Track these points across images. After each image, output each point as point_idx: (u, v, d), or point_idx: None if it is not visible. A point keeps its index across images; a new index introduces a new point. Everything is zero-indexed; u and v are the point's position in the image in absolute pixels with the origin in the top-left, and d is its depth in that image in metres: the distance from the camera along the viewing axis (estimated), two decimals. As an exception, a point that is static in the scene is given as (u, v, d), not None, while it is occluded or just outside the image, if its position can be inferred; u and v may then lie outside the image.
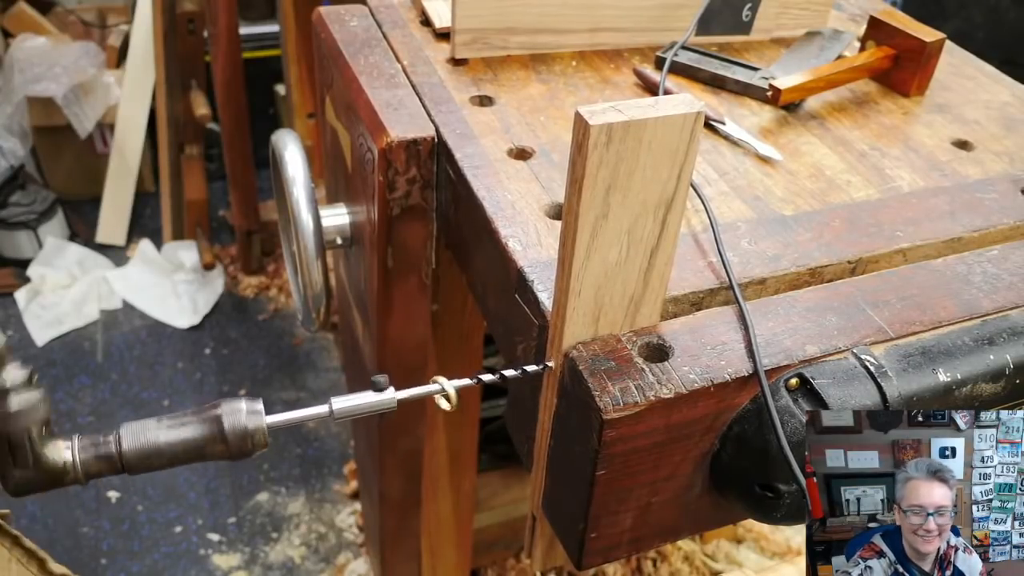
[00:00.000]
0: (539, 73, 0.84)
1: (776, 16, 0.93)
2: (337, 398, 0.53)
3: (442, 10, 0.89)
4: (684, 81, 0.85)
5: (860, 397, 0.50)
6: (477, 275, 0.72)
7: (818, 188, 0.71)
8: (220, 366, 2.15)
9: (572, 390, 0.53)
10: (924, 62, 0.83)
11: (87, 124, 2.37)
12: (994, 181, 0.73)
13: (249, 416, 0.50)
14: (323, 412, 0.52)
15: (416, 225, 0.81)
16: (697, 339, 0.54)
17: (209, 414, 0.50)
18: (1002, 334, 0.55)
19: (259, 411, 0.50)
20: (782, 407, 0.50)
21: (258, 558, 1.74)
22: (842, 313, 0.57)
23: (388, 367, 0.96)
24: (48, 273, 2.29)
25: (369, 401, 0.53)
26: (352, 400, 0.53)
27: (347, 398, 0.53)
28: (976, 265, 0.63)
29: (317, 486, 1.88)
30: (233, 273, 2.41)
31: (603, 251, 0.49)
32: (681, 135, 0.46)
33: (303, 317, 0.90)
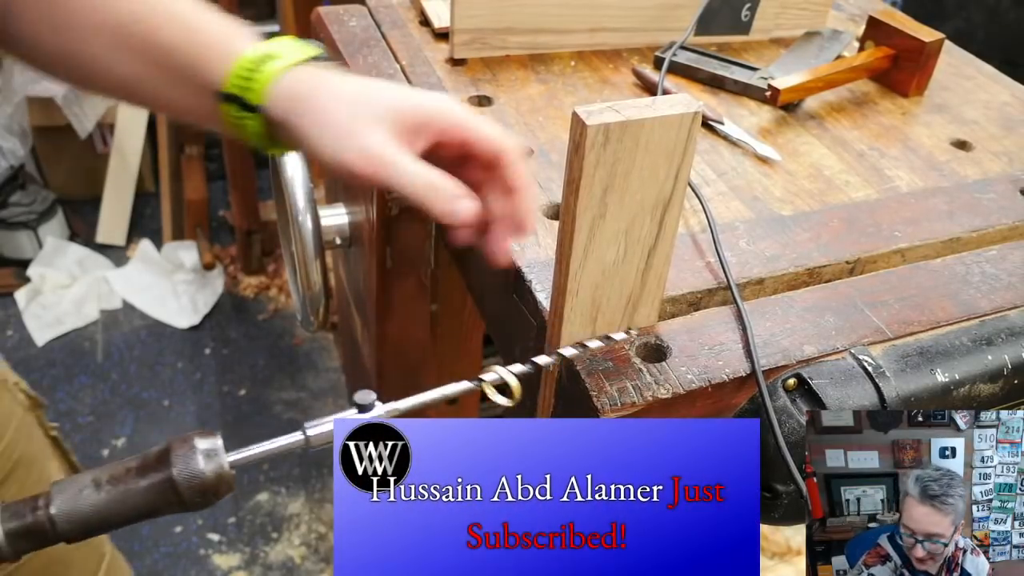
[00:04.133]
0: (538, 73, 0.84)
1: (775, 16, 0.93)
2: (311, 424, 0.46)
3: (441, 10, 0.89)
4: (683, 81, 0.85)
5: (858, 397, 0.50)
6: (476, 275, 0.72)
7: (817, 188, 0.71)
8: (220, 366, 2.15)
9: (570, 390, 0.53)
10: (923, 62, 0.83)
11: (87, 124, 2.37)
12: (993, 181, 0.73)
13: (205, 458, 0.43)
14: (296, 441, 0.45)
15: (415, 225, 0.81)
16: (695, 339, 0.54)
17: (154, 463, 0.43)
18: (1000, 334, 0.55)
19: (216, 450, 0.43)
20: (780, 407, 0.50)
21: (258, 558, 1.74)
22: (840, 313, 0.57)
23: (387, 367, 0.96)
24: (48, 273, 2.29)
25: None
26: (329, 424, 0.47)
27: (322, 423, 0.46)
28: (974, 265, 0.63)
29: (317, 486, 1.88)
30: (233, 273, 2.41)
31: (600, 251, 0.49)
32: (679, 135, 0.46)
33: (302, 318, 0.90)
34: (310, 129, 0.52)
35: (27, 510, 0.42)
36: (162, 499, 0.43)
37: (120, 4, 0.55)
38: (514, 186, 0.52)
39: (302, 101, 0.52)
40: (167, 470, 0.43)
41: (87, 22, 0.55)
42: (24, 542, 0.42)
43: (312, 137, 0.52)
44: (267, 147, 0.57)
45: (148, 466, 0.43)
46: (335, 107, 0.51)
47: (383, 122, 0.50)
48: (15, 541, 0.42)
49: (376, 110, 0.51)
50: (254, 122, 0.54)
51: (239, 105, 0.53)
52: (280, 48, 0.54)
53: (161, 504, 0.43)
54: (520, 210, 0.52)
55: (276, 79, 0.52)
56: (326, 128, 0.51)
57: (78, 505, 0.42)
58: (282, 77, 0.52)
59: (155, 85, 0.56)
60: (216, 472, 0.43)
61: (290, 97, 0.52)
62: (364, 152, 0.50)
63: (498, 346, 0.70)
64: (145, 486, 0.43)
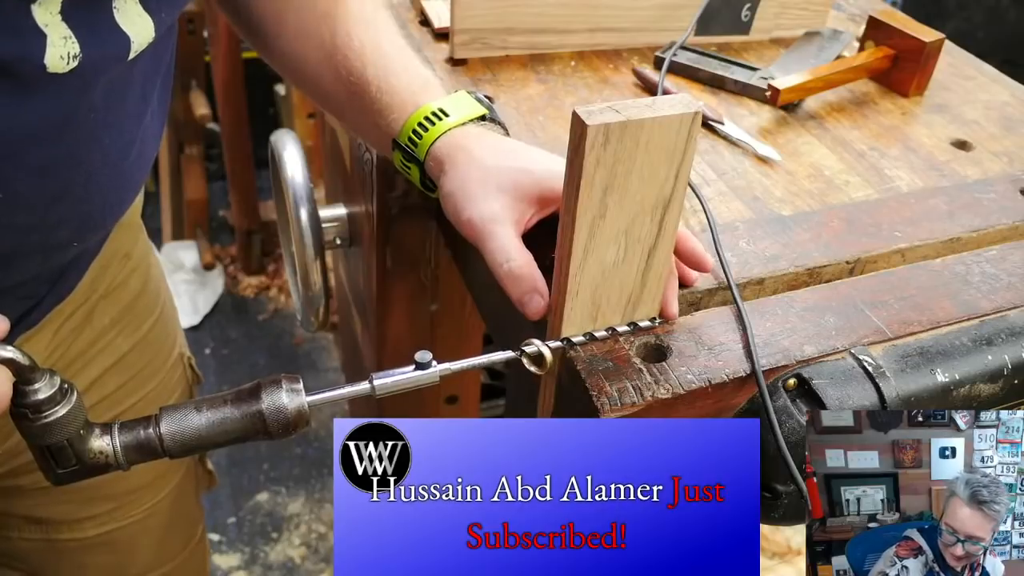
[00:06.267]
0: (538, 73, 0.84)
1: (775, 16, 0.93)
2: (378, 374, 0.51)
3: (441, 10, 0.89)
4: (683, 81, 0.85)
5: (858, 397, 0.50)
6: (476, 275, 0.71)
7: (817, 188, 0.71)
8: (220, 366, 2.15)
9: (570, 390, 0.53)
10: (923, 62, 0.83)
11: (87, 124, 2.37)
12: (993, 181, 0.73)
13: (289, 396, 0.48)
14: (364, 389, 0.51)
15: (415, 225, 0.81)
16: (695, 339, 0.54)
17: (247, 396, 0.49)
18: (1000, 334, 0.55)
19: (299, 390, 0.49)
20: (780, 407, 0.50)
21: (258, 558, 1.74)
22: (840, 313, 0.57)
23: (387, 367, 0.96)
24: (48, 273, 2.29)
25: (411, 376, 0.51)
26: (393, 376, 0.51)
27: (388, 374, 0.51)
28: (974, 265, 0.63)
29: (317, 486, 1.88)
30: (233, 273, 2.40)
31: (600, 251, 0.49)
32: (679, 135, 0.46)
33: (302, 318, 0.90)
34: (448, 187, 0.57)
35: (140, 428, 0.48)
36: (251, 427, 0.48)
37: (342, 26, 0.62)
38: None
39: (449, 161, 0.58)
40: (258, 403, 0.48)
41: (311, 30, 0.63)
42: (136, 454, 0.48)
43: (447, 195, 0.57)
44: (427, 192, 0.63)
45: (242, 398, 0.49)
46: (469, 172, 0.56)
47: (504, 192, 0.55)
48: (128, 453, 0.48)
49: (502, 180, 0.55)
50: (416, 171, 0.61)
51: (405, 154, 0.61)
52: (454, 104, 0.60)
53: (250, 431, 0.49)
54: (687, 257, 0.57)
55: (438, 139, 0.58)
56: (457, 190, 0.56)
57: (182, 426, 0.48)
58: (443, 136, 0.58)
59: (352, 113, 0.64)
60: (297, 408, 0.49)
61: (442, 157, 0.58)
62: (473, 219, 0.55)
63: (498, 346, 0.70)
64: (239, 414, 0.48)
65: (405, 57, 0.63)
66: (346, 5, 0.63)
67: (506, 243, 0.54)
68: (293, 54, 0.65)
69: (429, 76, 0.63)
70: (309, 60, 0.64)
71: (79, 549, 0.79)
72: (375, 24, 0.63)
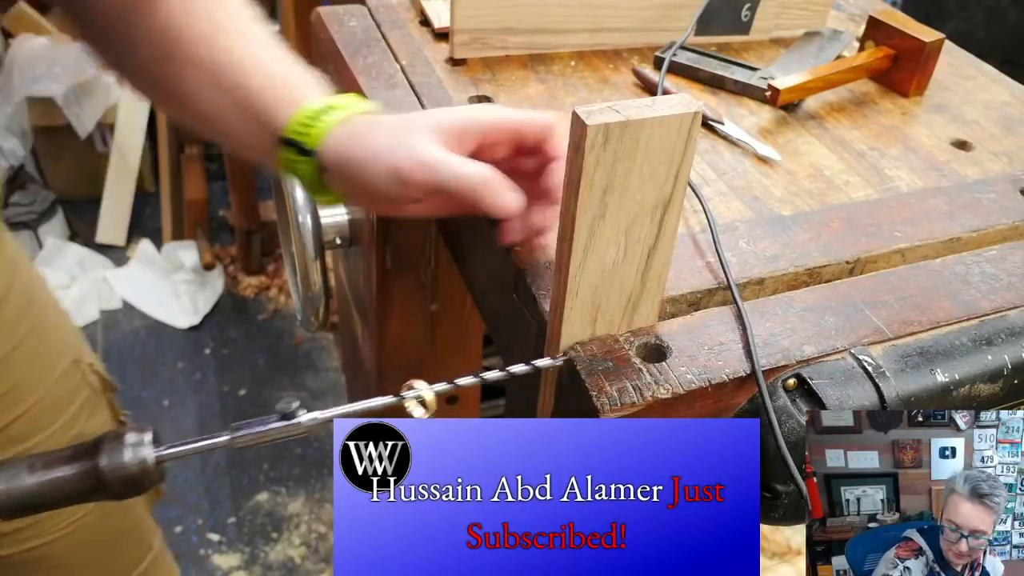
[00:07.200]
0: (538, 73, 0.84)
1: (775, 16, 0.93)
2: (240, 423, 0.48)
3: (441, 10, 0.89)
4: (683, 81, 0.85)
5: (858, 397, 0.50)
6: (476, 275, 0.72)
7: (817, 188, 0.71)
8: (220, 366, 2.15)
9: (570, 390, 0.53)
10: (923, 62, 0.83)
11: (87, 124, 2.37)
12: (993, 181, 0.73)
13: (132, 450, 0.45)
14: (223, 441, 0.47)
15: (414, 225, 0.81)
16: (695, 339, 0.54)
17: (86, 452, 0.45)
18: (1000, 334, 0.55)
19: (144, 443, 0.45)
20: (780, 407, 0.50)
21: (258, 558, 1.74)
22: (840, 313, 0.57)
23: (387, 367, 0.96)
24: (48, 273, 2.29)
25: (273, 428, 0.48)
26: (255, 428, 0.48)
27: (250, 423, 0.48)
28: (974, 265, 0.63)
29: (317, 486, 1.88)
30: (233, 273, 2.41)
31: (600, 251, 0.49)
32: (679, 135, 0.46)
33: (302, 318, 0.90)
34: (361, 155, 0.55)
35: None
36: (89, 486, 0.45)
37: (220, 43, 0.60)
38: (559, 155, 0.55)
39: (354, 138, 0.55)
40: (95, 459, 0.45)
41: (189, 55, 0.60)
42: None
43: (365, 162, 0.54)
44: (316, 192, 0.60)
45: (80, 455, 0.46)
46: (382, 131, 0.55)
47: (428, 132, 0.53)
48: None
49: (419, 125, 0.54)
50: (307, 166, 0.58)
51: (296, 149, 0.57)
52: (342, 101, 0.58)
53: (89, 491, 0.45)
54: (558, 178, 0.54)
55: (332, 129, 0.56)
56: (377, 151, 0.54)
57: (12, 486, 0.45)
58: (338, 126, 0.56)
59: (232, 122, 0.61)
60: (140, 465, 0.45)
61: (343, 139, 0.56)
62: (413, 157, 0.52)
63: (498, 346, 0.70)
64: (74, 473, 0.45)
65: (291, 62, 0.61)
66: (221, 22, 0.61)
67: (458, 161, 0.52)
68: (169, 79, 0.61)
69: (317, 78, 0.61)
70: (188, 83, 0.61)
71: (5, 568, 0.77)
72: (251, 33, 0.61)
